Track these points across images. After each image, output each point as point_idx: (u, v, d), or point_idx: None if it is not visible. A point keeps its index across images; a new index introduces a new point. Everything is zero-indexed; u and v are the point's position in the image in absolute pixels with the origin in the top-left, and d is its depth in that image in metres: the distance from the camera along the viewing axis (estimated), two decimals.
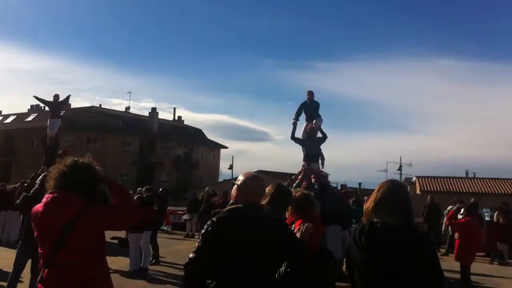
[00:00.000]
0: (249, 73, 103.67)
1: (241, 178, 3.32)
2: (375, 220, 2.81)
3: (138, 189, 13.37)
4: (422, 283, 2.66)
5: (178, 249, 14.11)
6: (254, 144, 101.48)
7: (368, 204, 2.89)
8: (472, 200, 8.97)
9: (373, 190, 3.05)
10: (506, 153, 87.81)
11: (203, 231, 3.14)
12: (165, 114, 73.60)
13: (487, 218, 17.00)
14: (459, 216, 9.39)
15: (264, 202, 3.44)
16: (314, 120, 12.04)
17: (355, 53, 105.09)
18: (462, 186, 41.25)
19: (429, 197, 18.27)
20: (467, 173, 46.79)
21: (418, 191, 41.61)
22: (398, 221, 2.76)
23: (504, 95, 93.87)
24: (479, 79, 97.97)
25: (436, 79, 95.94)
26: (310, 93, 12.31)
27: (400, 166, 43.92)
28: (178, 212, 23.44)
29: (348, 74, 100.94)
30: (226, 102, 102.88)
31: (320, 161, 12.07)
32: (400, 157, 44.66)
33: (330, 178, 13.62)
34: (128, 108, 60.61)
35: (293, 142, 12.22)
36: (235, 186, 3.30)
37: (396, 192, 2.88)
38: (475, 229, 8.41)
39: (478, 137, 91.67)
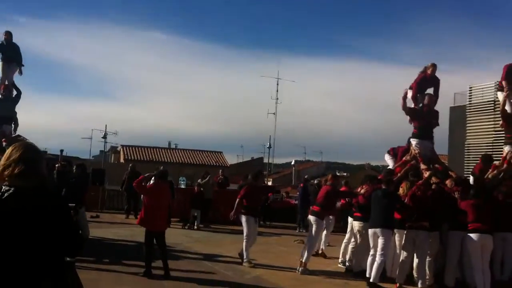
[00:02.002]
0: None
1: None
2: (6, 183, 2.73)
3: None
4: (57, 244, 2.68)
5: None
6: None
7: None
8: (161, 168, 9.44)
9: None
10: (206, 127, 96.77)
11: None
12: None
13: (182, 186, 18.17)
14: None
15: None
16: (7, 78, 10.82)
17: (65, 13, 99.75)
18: (165, 156, 43.63)
19: (130, 165, 18.65)
20: (169, 143, 49.73)
21: (122, 160, 42.20)
22: (31, 183, 2.73)
23: (206, 73, 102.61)
24: (185, 55, 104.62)
25: (147, 50, 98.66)
26: (8, 33, 11.08)
27: (105, 134, 43.65)
28: None
29: (55, 34, 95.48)
30: None
31: (13, 125, 10.93)
32: (106, 125, 44.31)
33: None
34: None
35: None
36: None
37: (28, 153, 2.82)
38: (162, 194, 8.59)
39: (181, 111, 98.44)
